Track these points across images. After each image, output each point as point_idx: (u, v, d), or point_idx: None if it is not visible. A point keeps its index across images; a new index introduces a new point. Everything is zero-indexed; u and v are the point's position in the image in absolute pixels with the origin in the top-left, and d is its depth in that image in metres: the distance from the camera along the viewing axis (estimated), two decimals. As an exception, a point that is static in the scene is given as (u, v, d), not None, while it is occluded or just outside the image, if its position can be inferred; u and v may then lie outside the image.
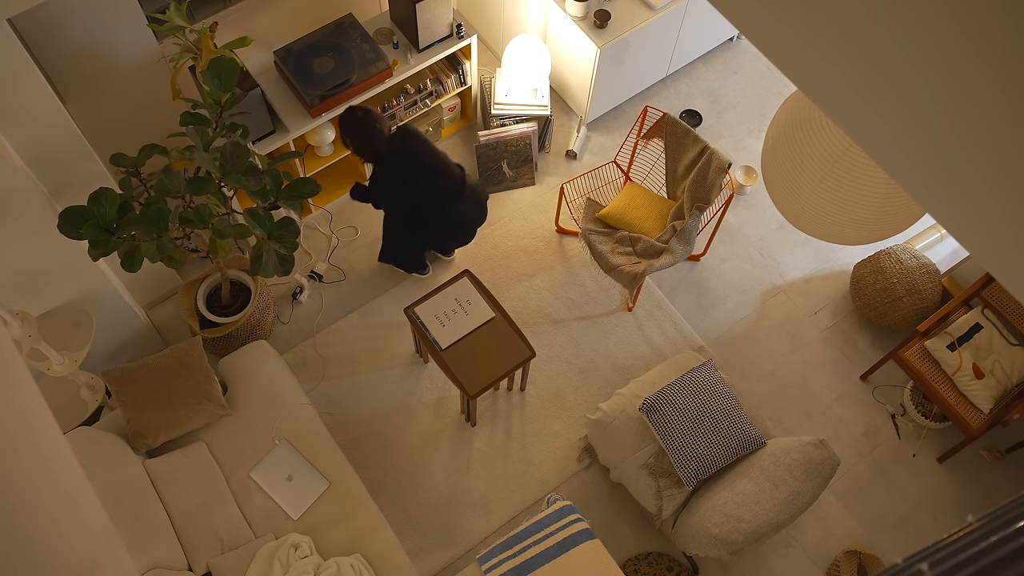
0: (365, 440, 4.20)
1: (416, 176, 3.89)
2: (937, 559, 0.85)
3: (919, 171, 1.35)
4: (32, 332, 3.27)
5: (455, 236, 4.26)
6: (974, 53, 1.13)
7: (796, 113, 3.06)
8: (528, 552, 3.45)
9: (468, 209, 4.12)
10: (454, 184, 3.99)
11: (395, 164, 3.86)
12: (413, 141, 3.88)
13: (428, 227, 4.14)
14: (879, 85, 1.31)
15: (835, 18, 1.31)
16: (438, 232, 4.21)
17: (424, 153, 3.90)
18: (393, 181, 3.90)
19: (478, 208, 4.16)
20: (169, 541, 3.37)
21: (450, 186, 3.98)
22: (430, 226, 4.13)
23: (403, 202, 4.01)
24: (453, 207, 4.04)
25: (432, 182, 3.93)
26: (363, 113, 3.79)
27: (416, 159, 3.87)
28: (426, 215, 4.06)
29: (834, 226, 3.90)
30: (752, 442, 3.65)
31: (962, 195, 1.31)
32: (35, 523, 1.16)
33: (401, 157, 3.85)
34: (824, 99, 1.44)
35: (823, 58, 1.38)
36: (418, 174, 3.89)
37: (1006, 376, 3.97)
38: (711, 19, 5.02)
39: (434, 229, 4.17)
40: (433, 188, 3.95)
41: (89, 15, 3.57)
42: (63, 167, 3.28)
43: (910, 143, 1.33)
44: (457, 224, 4.16)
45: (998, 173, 1.22)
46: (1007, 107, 1.14)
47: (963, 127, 1.22)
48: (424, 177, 3.90)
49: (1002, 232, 1.28)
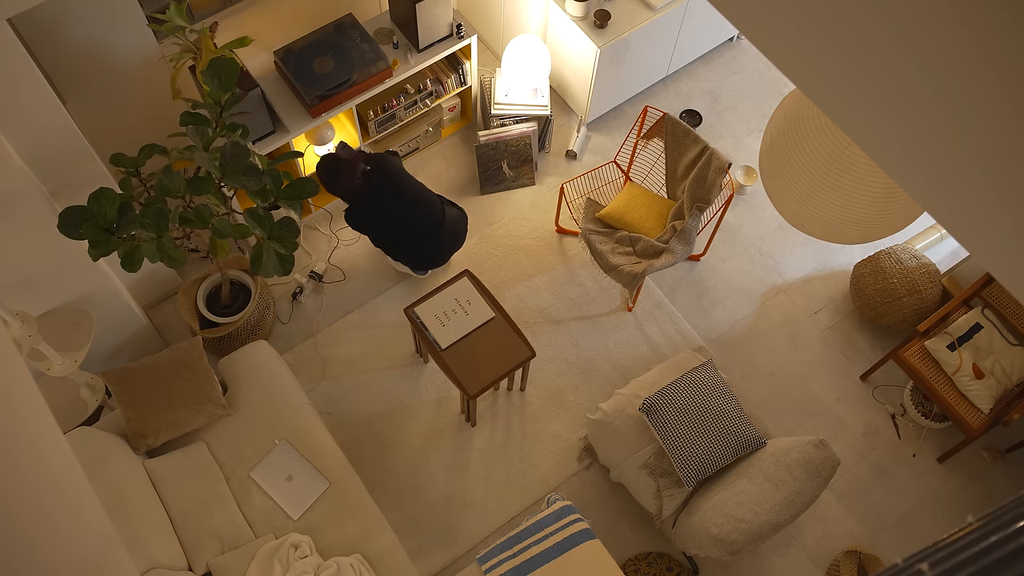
0: (365, 440, 4.20)
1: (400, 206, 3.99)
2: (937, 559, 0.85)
3: (918, 170, 1.35)
4: (32, 332, 3.27)
5: (431, 261, 4.35)
6: (973, 51, 1.13)
7: (794, 112, 3.05)
8: (528, 552, 3.45)
9: (448, 236, 4.23)
10: (435, 212, 4.11)
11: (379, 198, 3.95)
12: (392, 174, 3.94)
13: (410, 251, 4.22)
14: (878, 84, 1.31)
15: (834, 18, 1.31)
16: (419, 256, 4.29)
17: (405, 185, 4.00)
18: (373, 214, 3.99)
19: (455, 236, 4.28)
20: (169, 541, 3.37)
21: (433, 214, 4.11)
22: (410, 250, 4.21)
23: (383, 228, 4.08)
24: (434, 238, 4.13)
25: (413, 214, 4.04)
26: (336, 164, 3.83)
27: (399, 191, 3.97)
28: (405, 242, 4.14)
29: (832, 225, 3.90)
30: (752, 442, 3.64)
31: (962, 194, 1.31)
32: (35, 523, 1.16)
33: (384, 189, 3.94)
34: (823, 98, 1.44)
35: (822, 57, 1.38)
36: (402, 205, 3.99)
37: (1006, 376, 3.97)
38: (711, 19, 5.02)
39: (414, 253, 4.24)
40: (414, 219, 4.06)
41: (89, 15, 3.57)
42: (63, 167, 3.28)
43: (909, 142, 1.33)
44: (437, 252, 4.28)
45: (998, 172, 1.22)
46: (1007, 105, 1.14)
47: (962, 125, 1.22)
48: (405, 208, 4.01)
49: (1002, 232, 1.28)
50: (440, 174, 4.94)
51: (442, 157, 4.99)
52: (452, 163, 4.97)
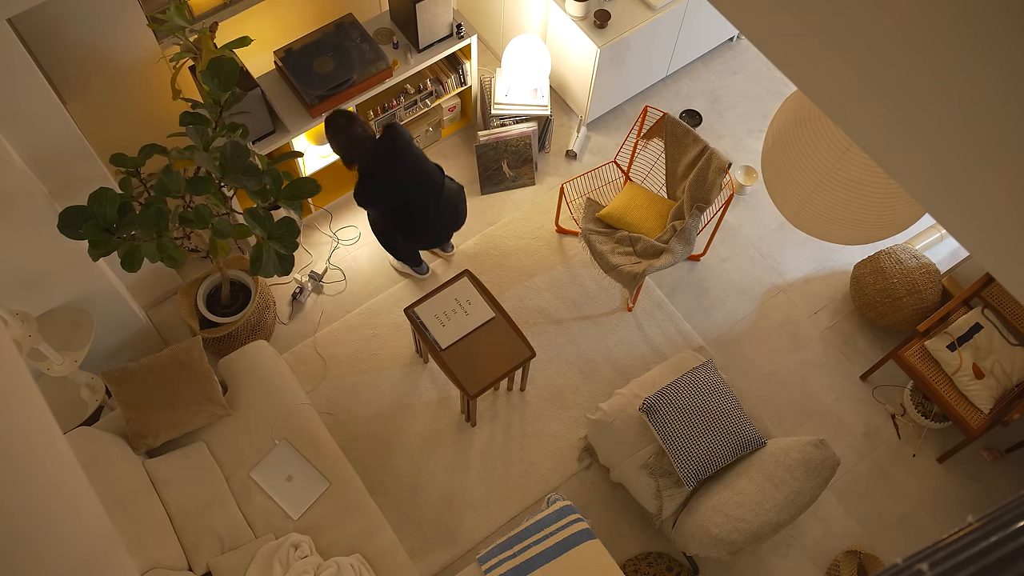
0: (365, 440, 4.20)
1: (400, 170, 3.94)
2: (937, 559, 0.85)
3: (919, 171, 1.35)
4: (32, 332, 3.27)
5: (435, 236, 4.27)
6: (973, 49, 1.13)
7: (796, 113, 3.06)
8: (528, 552, 3.44)
9: (447, 209, 4.16)
10: (434, 179, 4.05)
11: (382, 160, 3.89)
12: (399, 138, 3.92)
13: (410, 224, 4.15)
14: (879, 84, 1.31)
15: (835, 18, 1.31)
16: (420, 230, 4.22)
17: (408, 150, 3.95)
18: (379, 176, 3.93)
19: (455, 210, 4.20)
20: (169, 541, 3.37)
21: (432, 181, 4.04)
22: (412, 223, 4.14)
23: (389, 197, 4.02)
24: (434, 205, 4.08)
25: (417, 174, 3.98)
26: (346, 118, 3.82)
27: (401, 155, 3.93)
28: (409, 212, 4.08)
29: (834, 226, 3.90)
30: (752, 442, 3.64)
31: (962, 195, 1.31)
32: (34, 524, 1.15)
33: (387, 153, 3.88)
34: (824, 99, 1.44)
35: (823, 58, 1.38)
36: (402, 168, 3.94)
37: (1006, 376, 3.97)
38: (711, 19, 5.02)
39: (416, 226, 4.18)
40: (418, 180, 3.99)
41: (89, 15, 3.56)
42: (63, 167, 3.28)
43: (910, 143, 1.33)
44: (436, 223, 4.20)
45: (998, 172, 1.22)
46: (1008, 105, 1.14)
47: (963, 127, 1.22)
48: (408, 170, 3.95)
49: (1002, 232, 1.28)
50: (440, 174, 4.94)
51: (442, 157, 4.99)
52: (452, 163, 4.97)
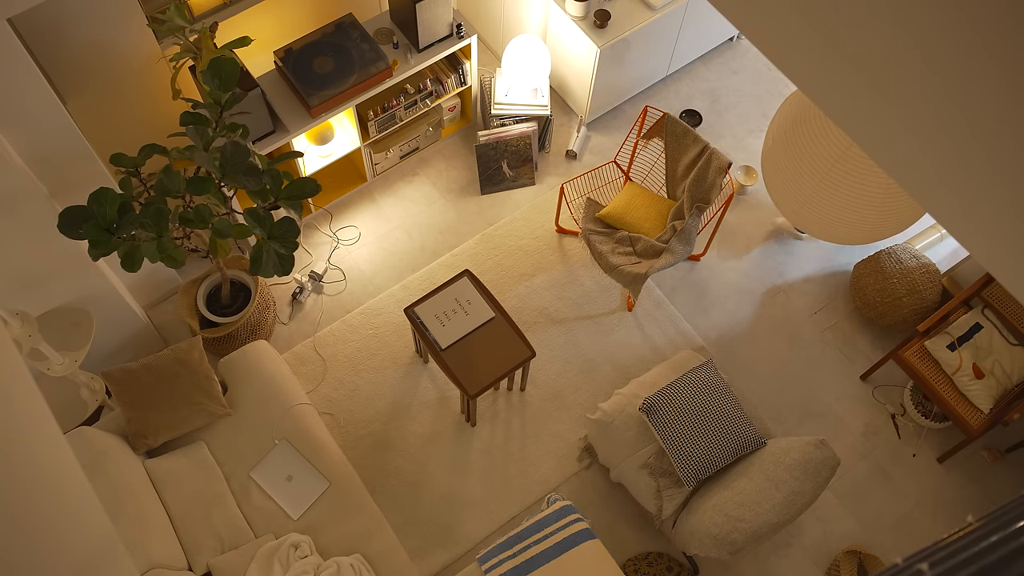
0: (365, 440, 4.20)
1: None
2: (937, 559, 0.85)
3: (919, 171, 1.35)
4: (32, 332, 3.27)
5: None
6: (973, 52, 1.13)
7: (796, 113, 3.06)
8: (528, 552, 3.45)
9: None
10: None
11: None
12: None
13: None
14: (879, 85, 1.31)
15: (835, 18, 1.31)
16: None
17: None
18: None
19: None
20: (169, 541, 3.37)
21: None
22: None
23: None
24: None
25: None
26: None
27: None
28: None
29: (834, 225, 3.91)
30: (752, 442, 3.64)
31: (962, 195, 1.31)
32: (34, 524, 1.16)
33: None
34: (824, 99, 1.44)
35: (823, 58, 1.38)
36: None
37: (1006, 376, 3.97)
38: (711, 19, 5.02)
39: None
40: None
41: (89, 15, 3.57)
42: (63, 167, 3.28)
43: (910, 143, 1.33)
44: None
45: (998, 173, 1.22)
46: (1008, 107, 1.14)
47: (964, 127, 1.22)
48: None
49: (1002, 232, 1.28)
50: (440, 174, 4.94)
51: (442, 157, 4.99)
52: (452, 163, 4.97)
